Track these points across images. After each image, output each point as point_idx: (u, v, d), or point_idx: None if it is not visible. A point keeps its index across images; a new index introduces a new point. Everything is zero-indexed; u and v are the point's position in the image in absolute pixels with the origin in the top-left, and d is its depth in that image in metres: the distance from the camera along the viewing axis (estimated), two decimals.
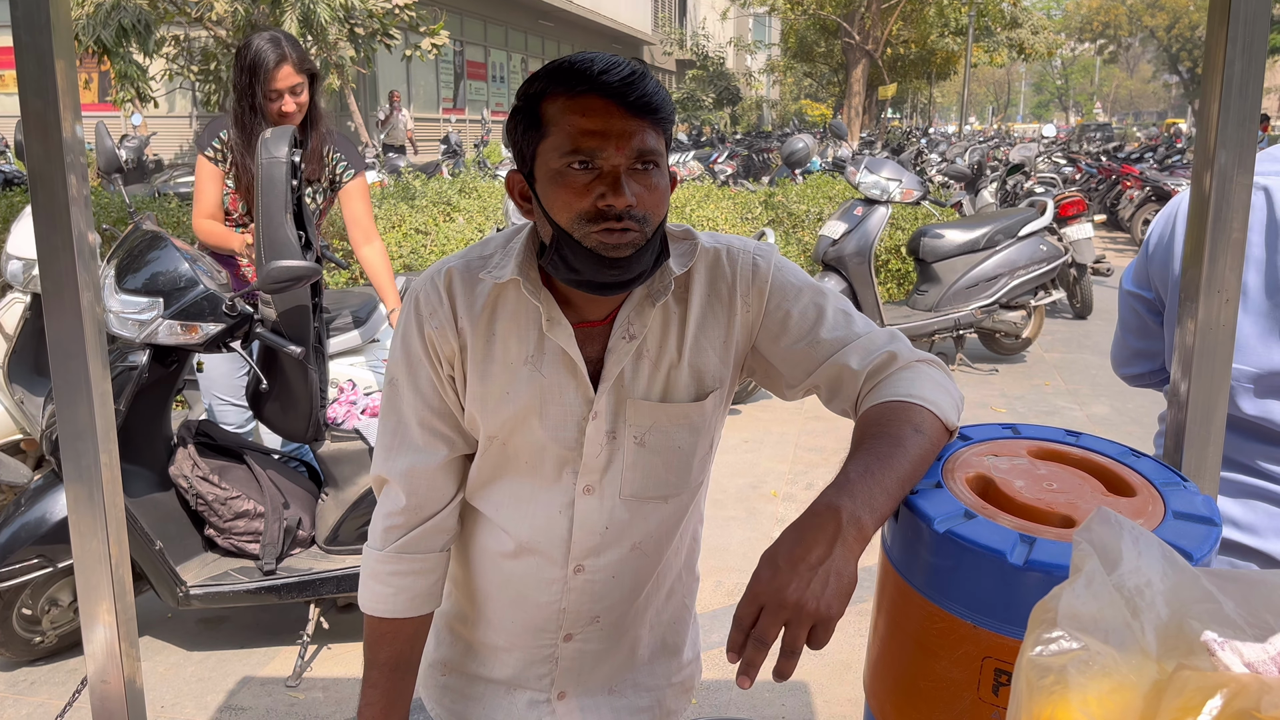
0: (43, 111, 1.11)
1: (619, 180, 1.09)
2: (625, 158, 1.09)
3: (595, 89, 1.09)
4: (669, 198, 1.16)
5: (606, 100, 1.08)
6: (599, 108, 1.09)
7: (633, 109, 1.09)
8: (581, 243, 1.11)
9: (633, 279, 1.15)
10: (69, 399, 1.20)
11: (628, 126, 1.09)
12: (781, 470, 4.87)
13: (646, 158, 1.11)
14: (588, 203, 1.10)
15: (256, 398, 2.92)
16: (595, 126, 1.08)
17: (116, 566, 1.24)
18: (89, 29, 11.00)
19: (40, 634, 3.04)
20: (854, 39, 23.91)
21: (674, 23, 37.71)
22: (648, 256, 1.14)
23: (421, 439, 1.29)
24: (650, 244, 1.14)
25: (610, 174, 1.09)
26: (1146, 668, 0.59)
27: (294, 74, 3.16)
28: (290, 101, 3.18)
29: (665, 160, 1.15)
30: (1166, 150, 17.12)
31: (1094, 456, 1.14)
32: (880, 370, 1.20)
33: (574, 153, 1.09)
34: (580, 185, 1.10)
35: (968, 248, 6.67)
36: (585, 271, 1.13)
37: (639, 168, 1.11)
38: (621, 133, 1.09)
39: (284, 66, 3.13)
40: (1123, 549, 0.64)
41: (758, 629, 0.94)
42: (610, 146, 1.08)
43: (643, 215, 1.11)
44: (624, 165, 1.09)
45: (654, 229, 1.14)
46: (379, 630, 1.33)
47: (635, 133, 1.09)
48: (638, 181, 1.11)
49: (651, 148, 1.11)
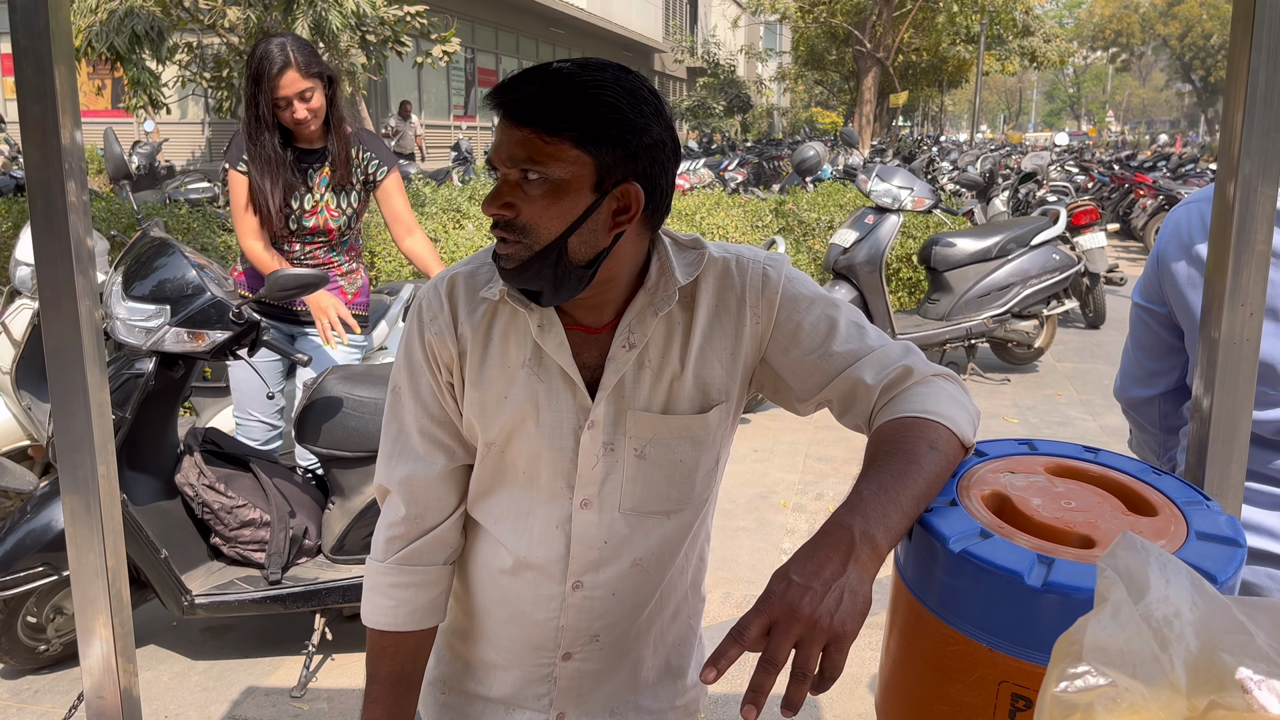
0: (41, 117, 1.09)
1: (499, 189, 1.11)
2: (504, 165, 1.10)
3: (495, 100, 1.10)
4: (573, 212, 1.09)
5: (500, 110, 1.09)
6: (501, 119, 1.10)
7: (516, 118, 1.08)
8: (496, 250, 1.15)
9: (535, 293, 1.14)
10: (66, 408, 1.18)
11: (511, 135, 1.09)
12: (791, 480, 4.84)
13: (524, 166, 1.08)
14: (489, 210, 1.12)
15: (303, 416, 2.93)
16: (496, 137, 1.12)
17: (114, 579, 1.22)
18: (102, 36, 11.05)
19: (45, 642, 3.02)
20: (865, 47, 23.87)
21: (685, 30, 37.74)
22: (541, 271, 1.11)
23: (422, 447, 1.27)
24: (539, 259, 1.10)
25: (499, 182, 1.11)
26: (1176, 704, 0.56)
27: (300, 79, 3.02)
28: (301, 108, 3.04)
29: (577, 172, 1.08)
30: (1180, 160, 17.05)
31: (1113, 474, 1.11)
32: (895, 385, 1.17)
33: (489, 163, 1.13)
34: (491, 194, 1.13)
35: (980, 256, 6.63)
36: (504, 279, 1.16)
37: (525, 177, 1.09)
38: (505, 140, 1.09)
39: (288, 72, 2.99)
40: (1150, 577, 0.61)
41: (769, 649, 0.89)
42: (497, 156, 1.11)
43: (521, 225, 1.10)
44: (511, 175, 1.10)
45: (542, 243, 1.10)
46: (381, 644, 1.31)
47: (516, 142, 1.08)
48: (525, 190, 1.09)
49: (530, 156, 1.07)
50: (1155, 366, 1.70)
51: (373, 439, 2.89)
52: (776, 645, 0.89)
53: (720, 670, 0.88)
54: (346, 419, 2.92)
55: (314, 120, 3.10)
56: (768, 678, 0.88)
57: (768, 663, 0.88)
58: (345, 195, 3.26)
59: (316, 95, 3.07)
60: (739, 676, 2.97)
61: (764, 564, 3.86)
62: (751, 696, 0.87)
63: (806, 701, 2.91)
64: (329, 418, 2.92)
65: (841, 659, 0.90)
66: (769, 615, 0.90)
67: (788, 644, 0.89)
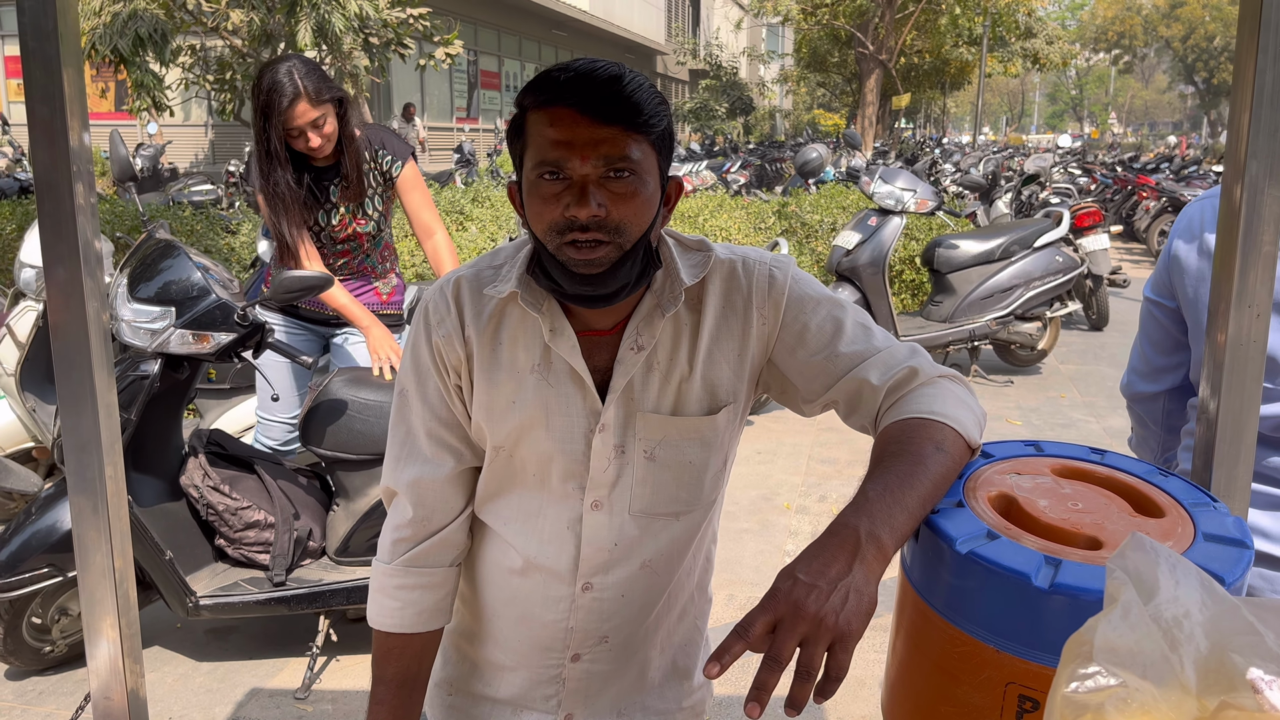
0: (49, 119, 1.09)
1: (585, 190, 1.07)
2: (592, 166, 1.07)
3: (562, 99, 1.07)
4: (653, 207, 1.12)
5: (572, 109, 1.07)
6: (566, 117, 1.07)
7: (601, 116, 1.07)
8: (555, 255, 1.11)
9: (611, 294, 1.13)
10: (74, 409, 1.18)
11: (595, 134, 1.06)
12: (795, 482, 4.84)
13: (617, 165, 1.08)
14: (556, 213, 1.08)
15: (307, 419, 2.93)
16: (562, 136, 1.07)
17: (121, 579, 1.22)
18: (106, 38, 11.09)
19: (50, 643, 3.03)
20: (868, 49, 23.88)
21: (687, 33, 37.76)
22: (626, 269, 1.12)
23: (429, 450, 1.27)
24: (629, 256, 1.11)
25: (578, 183, 1.08)
26: (1186, 704, 0.56)
27: (312, 108, 2.89)
28: (315, 137, 2.93)
29: (650, 166, 1.11)
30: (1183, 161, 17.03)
31: (1120, 475, 1.11)
32: (901, 386, 1.17)
33: (542, 164, 1.08)
34: (550, 195, 1.09)
35: (983, 258, 6.63)
36: (563, 284, 1.12)
37: (612, 176, 1.08)
38: (588, 141, 1.06)
39: (299, 103, 2.86)
40: (1159, 577, 0.61)
41: (774, 647, 0.89)
42: (575, 156, 1.07)
43: (615, 225, 1.09)
44: (592, 175, 1.07)
45: (632, 240, 1.11)
46: (386, 645, 1.31)
47: (604, 140, 1.07)
48: (610, 190, 1.08)
49: (623, 154, 1.07)
50: (1162, 362, 1.71)
51: (377, 441, 2.89)
52: (781, 643, 0.88)
53: (724, 665, 0.87)
54: (351, 421, 2.92)
55: (329, 145, 3.00)
56: (772, 675, 0.87)
57: (772, 660, 0.88)
58: (370, 201, 3.22)
59: (330, 120, 2.97)
60: (744, 678, 2.97)
61: (767, 566, 3.86)
62: (755, 694, 0.86)
63: (811, 705, 2.90)
64: (334, 420, 2.93)
65: (846, 659, 0.90)
66: (774, 613, 0.90)
67: (793, 642, 0.88)
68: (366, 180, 3.17)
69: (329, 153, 3.04)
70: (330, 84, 2.97)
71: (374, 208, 3.24)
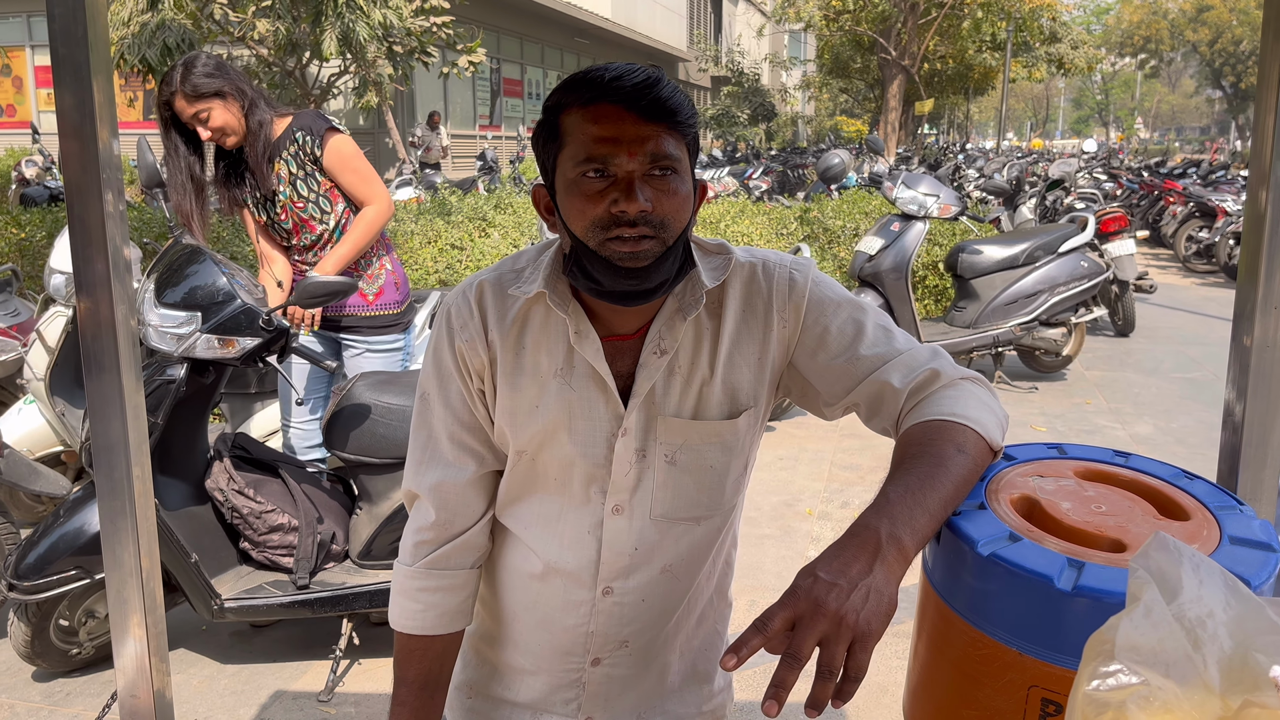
0: (80, 124, 1.11)
1: (632, 185, 1.08)
2: (639, 163, 1.08)
3: (607, 96, 1.09)
4: (690, 205, 1.14)
5: (618, 106, 1.08)
6: (611, 114, 1.08)
7: (646, 114, 1.08)
8: (598, 252, 1.11)
9: (653, 288, 1.13)
10: (102, 412, 1.20)
11: (641, 132, 1.08)
12: (817, 488, 4.82)
13: (662, 162, 1.09)
14: (601, 209, 1.09)
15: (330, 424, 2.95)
16: (607, 133, 1.08)
17: (147, 579, 1.24)
18: (135, 48, 11.23)
19: (77, 645, 3.06)
20: (890, 54, 23.80)
21: (709, 39, 37.80)
22: (668, 265, 1.12)
23: (451, 454, 1.28)
24: (671, 252, 1.12)
25: (624, 180, 1.08)
26: (1210, 703, 0.56)
27: (187, 105, 3.01)
28: (201, 130, 3.04)
29: (687, 166, 1.13)
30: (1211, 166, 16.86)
31: (1144, 478, 1.10)
32: (923, 388, 1.17)
33: (588, 160, 1.09)
34: (594, 192, 1.09)
35: (1007, 264, 6.58)
36: (604, 281, 1.12)
37: (656, 173, 1.09)
38: (634, 138, 1.08)
39: (176, 100, 3.01)
40: (1183, 577, 0.61)
41: (793, 644, 0.88)
42: (622, 152, 1.08)
43: (659, 221, 1.10)
44: (638, 171, 1.08)
45: (674, 236, 1.12)
46: (408, 647, 1.32)
47: (649, 138, 1.08)
48: (654, 187, 1.09)
49: (667, 152, 1.09)
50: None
51: (400, 445, 2.91)
52: (801, 640, 0.88)
53: (740, 658, 0.87)
54: (374, 425, 2.94)
55: (228, 136, 3.09)
56: (791, 673, 0.86)
57: (791, 658, 0.87)
58: (302, 184, 3.20)
59: (216, 114, 3.04)
60: (765, 682, 2.97)
61: (789, 572, 3.84)
62: (774, 692, 0.86)
63: (833, 712, 2.89)
64: (356, 424, 2.94)
65: (866, 659, 0.89)
66: (794, 609, 0.89)
67: (812, 639, 0.88)
68: (288, 166, 3.17)
69: (234, 144, 3.12)
70: (214, 77, 3.03)
71: (310, 190, 3.20)
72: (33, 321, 4.40)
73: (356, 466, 3.03)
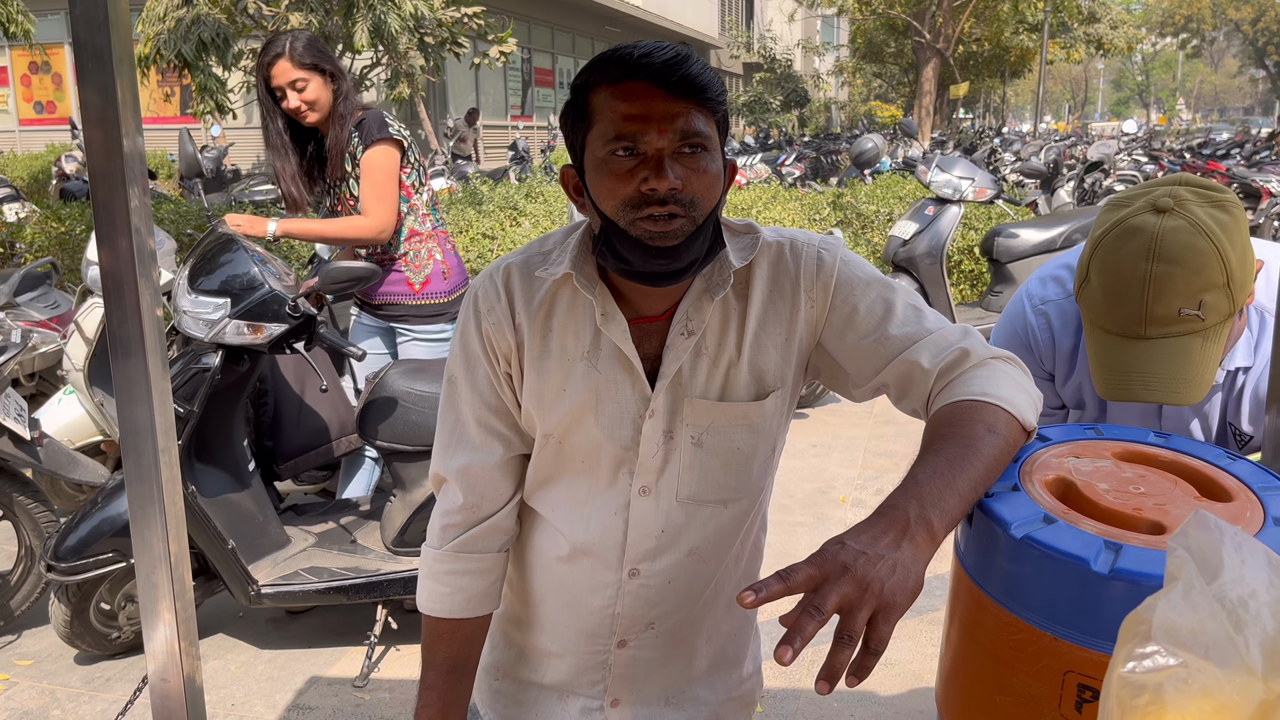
0: (103, 109, 1.11)
1: (662, 163, 1.07)
2: (669, 140, 1.07)
3: (636, 74, 1.07)
4: (721, 184, 1.13)
5: (647, 84, 1.07)
6: (640, 92, 1.07)
7: (675, 91, 1.07)
8: (628, 231, 1.09)
9: (684, 268, 1.11)
10: (129, 398, 1.20)
11: (671, 109, 1.07)
12: (850, 475, 4.78)
13: (692, 140, 1.08)
14: (631, 188, 1.08)
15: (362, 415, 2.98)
16: (637, 111, 1.07)
17: (176, 564, 1.24)
18: (170, 44, 11.35)
19: (117, 629, 3.10)
20: (924, 38, 23.53)
21: (741, 25, 37.58)
22: (698, 244, 1.11)
23: (478, 437, 1.27)
24: (701, 230, 1.10)
25: (654, 158, 1.07)
26: (1252, 687, 0.53)
27: (291, 69, 3.06)
28: (293, 98, 3.08)
29: (717, 144, 1.11)
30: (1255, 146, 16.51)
31: (1185, 459, 1.07)
32: (953, 368, 1.14)
33: (617, 139, 1.08)
34: (624, 171, 1.08)
35: (1044, 247, 6.47)
36: (635, 261, 1.11)
37: (686, 151, 1.08)
38: (664, 115, 1.06)
39: (280, 61, 3.05)
40: (1224, 556, 0.58)
41: (818, 596, 0.84)
42: (652, 130, 1.07)
43: (690, 199, 1.08)
44: (668, 148, 1.07)
45: (704, 215, 1.10)
46: (436, 630, 1.32)
47: (679, 115, 1.07)
48: (684, 165, 1.08)
49: (697, 129, 1.08)
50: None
51: (433, 433, 2.91)
52: (825, 595, 0.84)
53: (759, 599, 0.83)
54: (407, 413, 2.95)
55: (311, 113, 3.13)
56: (810, 621, 0.82)
57: (814, 609, 0.83)
58: (355, 183, 3.24)
59: (312, 88, 3.10)
60: (797, 671, 2.95)
61: None
62: (789, 638, 0.81)
63: (868, 695, 2.87)
64: (390, 412, 2.96)
65: (888, 631, 0.85)
66: (820, 569, 0.86)
67: (835, 598, 0.84)
68: (347, 164, 3.22)
69: (313, 121, 3.17)
70: (323, 55, 3.12)
71: (359, 191, 3.23)
72: (71, 313, 4.46)
73: (390, 454, 3.04)
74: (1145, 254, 1.28)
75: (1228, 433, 1.54)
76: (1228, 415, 1.52)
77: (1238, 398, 1.49)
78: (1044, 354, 1.60)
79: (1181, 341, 1.29)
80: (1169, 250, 1.26)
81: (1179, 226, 1.27)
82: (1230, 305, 1.28)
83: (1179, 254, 1.26)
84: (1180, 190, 1.31)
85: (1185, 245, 1.26)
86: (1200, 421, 1.55)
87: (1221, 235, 1.25)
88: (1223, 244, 1.25)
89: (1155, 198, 1.31)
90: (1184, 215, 1.27)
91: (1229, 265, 1.26)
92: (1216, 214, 1.27)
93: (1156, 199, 1.31)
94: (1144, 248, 1.28)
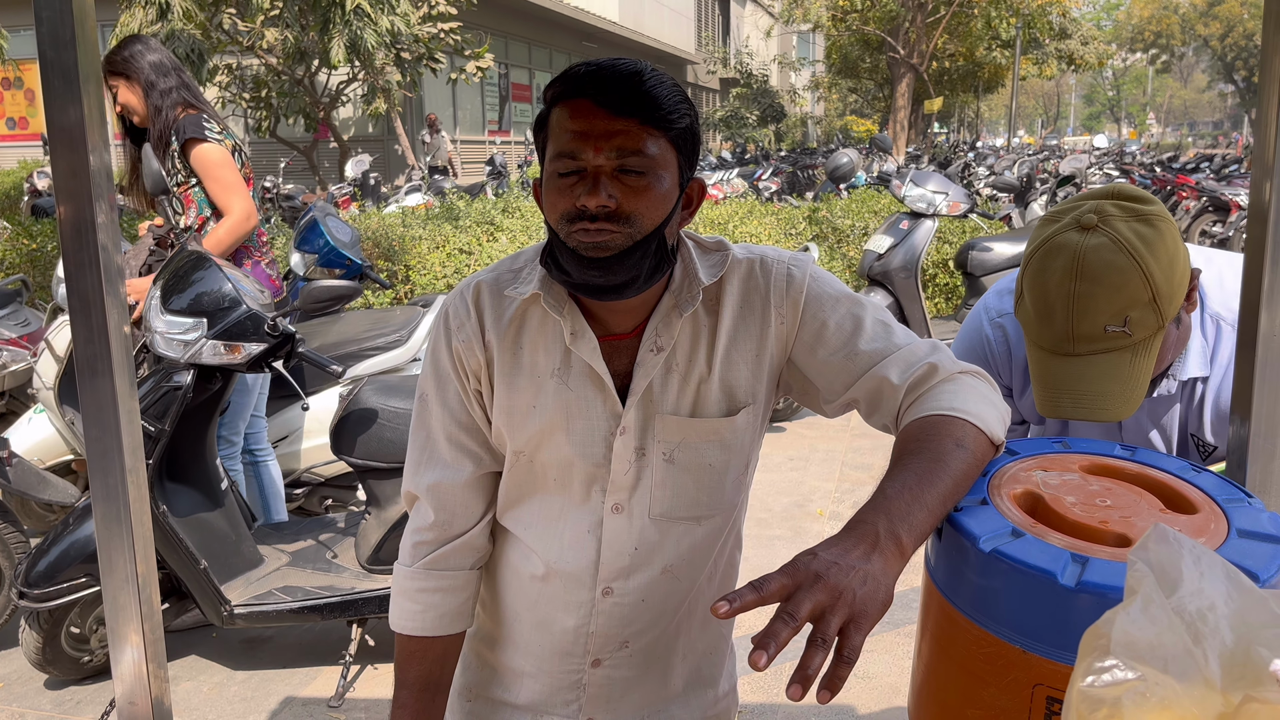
0: (69, 128, 1.11)
1: (597, 180, 1.08)
2: (605, 158, 1.08)
3: (583, 91, 1.09)
4: (669, 202, 1.12)
5: (591, 101, 1.08)
6: (584, 109, 1.09)
7: (616, 109, 1.08)
8: (565, 242, 1.11)
9: (622, 283, 1.12)
10: (96, 418, 1.19)
11: (610, 126, 1.08)
12: (828, 489, 4.79)
13: (629, 158, 1.08)
14: (569, 202, 1.09)
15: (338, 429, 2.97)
16: (578, 128, 1.09)
17: (143, 585, 1.23)
18: None
19: (89, 653, 3.06)
20: (899, 53, 23.75)
21: (717, 42, 37.76)
22: (635, 259, 1.11)
23: (449, 454, 1.27)
24: (640, 247, 1.10)
25: (591, 174, 1.09)
26: (1210, 699, 0.54)
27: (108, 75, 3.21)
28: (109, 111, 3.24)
29: (665, 162, 1.11)
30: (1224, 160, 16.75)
31: (1151, 471, 1.08)
32: (921, 383, 1.15)
33: (559, 155, 1.10)
34: (565, 186, 1.10)
35: (1017, 261, 6.52)
36: (573, 272, 1.12)
37: (626, 169, 1.08)
38: (603, 133, 1.08)
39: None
40: (1183, 569, 0.59)
41: (791, 603, 0.84)
42: (589, 147, 1.08)
43: (625, 216, 1.09)
44: (606, 166, 1.08)
45: (644, 232, 1.10)
46: (408, 649, 1.31)
47: (618, 133, 1.08)
48: (624, 183, 1.09)
49: (637, 148, 1.08)
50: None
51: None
52: (798, 603, 0.84)
53: (733, 608, 0.83)
54: (381, 430, 2.94)
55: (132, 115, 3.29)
56: (785, 627, 0.82)
57: (788, 615, 0.83)
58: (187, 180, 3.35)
59: (119, 92, 3.25)
60: (775, 683, 2.94)
61: None
62: (763, 643, 0.81)
63: (844, 709, 2.87)
64: (364, 429, 2.94)
65: (860, 640, 0.85)
66: (794, 578, 0.86)
67: (809, 604, 0.84)
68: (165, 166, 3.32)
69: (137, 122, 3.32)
70: (129, 62, 3.22)
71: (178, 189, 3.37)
72: (42, 331, 4.41)
73: (364, 471, 3.02)
74: (1069, 273, 1.29)
75: (1189, 443, 1.55)
76: (1189, 426, 1.54)
77: (1198, 408, 1.50)
78: (1001, 366, 1.61)
79: (1110, 358, 1.30)
80: (1090, 269, 1.27)
81: (1100, 245, 1.27)
82: (1158, 320, 1.29)
83: (1100, 273, 1.27)
84: (1106, 205, 1.31)
85: (1106, 264, 1.27)
86: (1160, 433, 1.56)
87: (1145, 251, 1.26)
88: (1145, 260, 1.26)
89: (1080, 214, 1.32)
90: (1106, 232, 1.28)
91: (1153, 281, 1.26)
92: (1141, 229, 1.28)
93: (1081, 215, 1.31)
94: (1067, 266, 1.29)
